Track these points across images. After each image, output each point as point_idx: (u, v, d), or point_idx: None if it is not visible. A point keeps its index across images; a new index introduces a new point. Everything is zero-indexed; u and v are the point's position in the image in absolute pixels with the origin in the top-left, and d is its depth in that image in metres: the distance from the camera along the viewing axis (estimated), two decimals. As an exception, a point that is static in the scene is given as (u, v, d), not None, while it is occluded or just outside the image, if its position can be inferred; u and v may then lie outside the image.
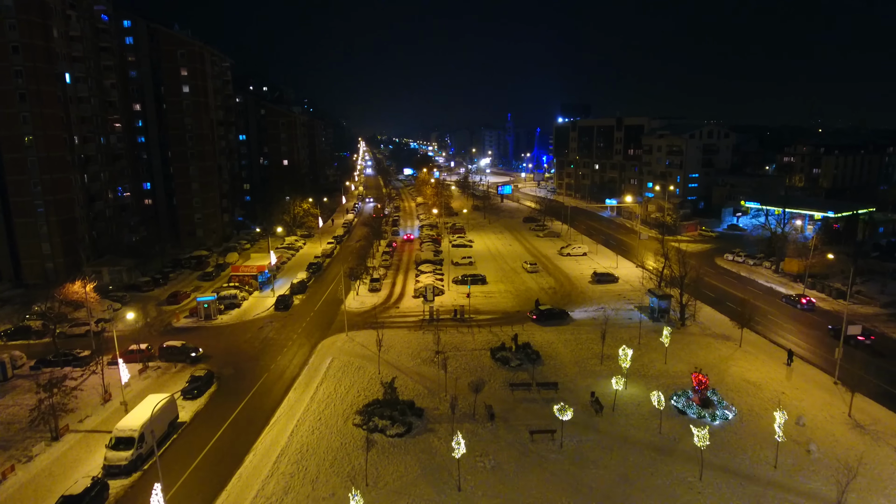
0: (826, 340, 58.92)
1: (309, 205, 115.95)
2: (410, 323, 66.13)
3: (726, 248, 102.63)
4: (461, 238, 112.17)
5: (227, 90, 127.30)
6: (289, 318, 69.41)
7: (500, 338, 59.94)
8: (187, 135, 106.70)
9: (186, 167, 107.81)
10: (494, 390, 48.38)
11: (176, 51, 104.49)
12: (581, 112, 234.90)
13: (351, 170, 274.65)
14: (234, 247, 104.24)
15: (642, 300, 72.96)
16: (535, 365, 52.49)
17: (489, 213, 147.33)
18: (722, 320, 65.73)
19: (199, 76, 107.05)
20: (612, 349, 55.53)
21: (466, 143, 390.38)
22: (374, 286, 78.94)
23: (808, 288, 76.51)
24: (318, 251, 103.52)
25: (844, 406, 45.21)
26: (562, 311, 66.69)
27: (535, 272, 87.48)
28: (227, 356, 57.40)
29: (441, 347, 55.62)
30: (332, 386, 49.67)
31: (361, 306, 72.72)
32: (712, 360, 54.72)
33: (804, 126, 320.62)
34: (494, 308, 71.23)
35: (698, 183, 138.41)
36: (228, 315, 69.77)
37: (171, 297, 75.51)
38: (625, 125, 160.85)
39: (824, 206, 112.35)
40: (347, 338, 61.23)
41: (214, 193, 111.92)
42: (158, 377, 52.69)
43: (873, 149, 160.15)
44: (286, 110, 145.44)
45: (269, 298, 75.66)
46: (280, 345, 60.64)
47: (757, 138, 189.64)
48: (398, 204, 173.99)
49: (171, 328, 65.65)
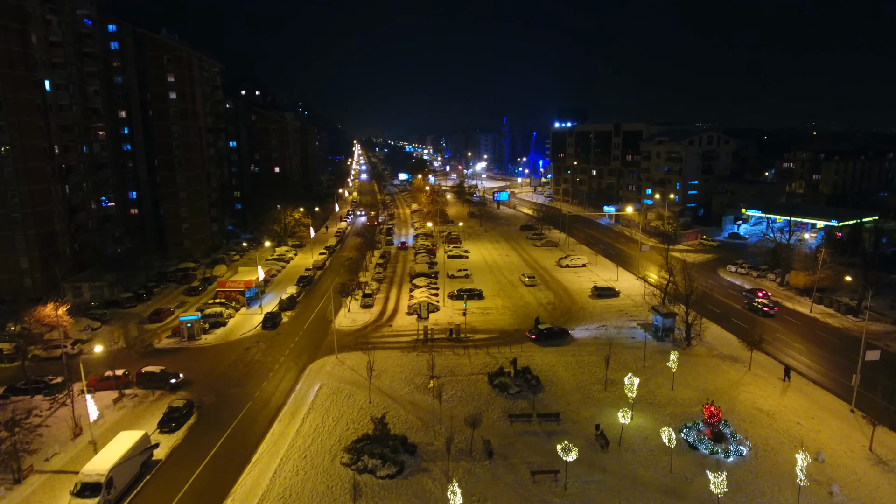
0: (836, 358, 56.28)
1: (300, 214, 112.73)
2: (404, 343, 63.13)
3: (728, 258, 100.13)
4: (457, 248, 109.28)
5: (217, 96, 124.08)
6: (277, 337, 66.28)
7: (498, 360, 57.02)
8: (174, 142, 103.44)
9: (174, 176, 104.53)
10: (492, 422, 45.44)
11: (163, 56, 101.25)
12: (578, 117, 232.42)
13: (345, 175, 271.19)
14: (223, 258, 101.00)
15: (645, 317, 70.23)
16: (535, 392, 49.57)
17: (485, 220, 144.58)
18: (729, 339, 63.08)
19: (187, 82, 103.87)
20: (615, 373, 52.89)
21: (462, 146, 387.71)
22: (366, 302, 75.89)
23: (815, 303, 74.04)
24: (310, 262, 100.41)
25: (864, 438, 42.54)
26: (562, 330, 63.87)
27: (533, 286, 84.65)
28: (209, 382, 54.25)
29: (436, 372, 52.72)
30: (320, 417, 46.60)
31: (353, 324, 69.67)
32: (721, 384, 51.99)
33: (800, 129, 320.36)
34: (492, 326, 68.31)
35: (698, 190, 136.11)
36: (213, 334, 66.58)
37: (154, 314, 72.26)
38: (623, 131, 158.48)
39: (827, 214, 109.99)
40: (337, 360, 58.18)
41: (203, 203, 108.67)
42: (135, 407, 49.48)
43: (873, 154, 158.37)
44: (278, 116, 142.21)
45: (257, 316, 72.52)
46: (266, 368, 57.53)
47: (756, 143, 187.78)
48: (392, 211, 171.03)
49: (152, 350, 62.42)
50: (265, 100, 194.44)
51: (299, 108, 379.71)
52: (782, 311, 72.53)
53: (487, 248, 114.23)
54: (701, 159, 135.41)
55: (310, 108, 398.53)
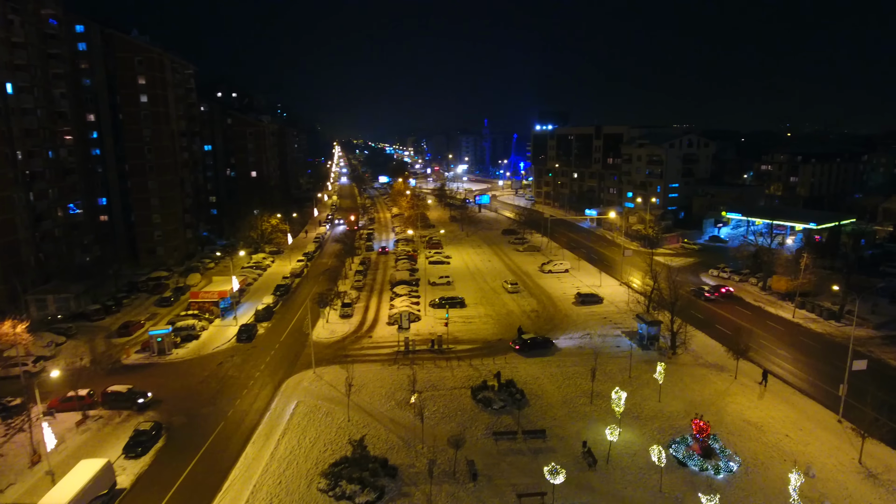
0: (813, 360, 55.93)
1: (277, 220, 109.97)
2: (384, 355, 61.25)
3: (710, 261, 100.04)
4: (438, 254, 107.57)
5: (191, 99, 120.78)
6: (252, 350, 63.89)
7: (482, 373, 55.48)
8: (146, 147, 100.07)
9: (145, 181, 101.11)
10: (476, 440, 43.85)
11: (133, 58, 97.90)
12: (559, 119, 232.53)
13: (325, 178, 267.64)
14: (197, 266, 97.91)
15: (629, 324, 69.31)
16: (520, 407, 48.13)
17: (467, 224, 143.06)
18: (714, 347, 62.37)
19: (159, 84, 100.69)
20: (601, 385, 51.74)
21: (443, 148, 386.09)
22: (345, 312, 73.77)
23: (797, 308, 73.89)
24: (288, 270, 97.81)
25: (853, 451, 41.85)
26: (546, 340, 62.58)
27: (516, 292, 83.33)
28: (180, 400, 51.79)
29: (417, 386, 50.95)
30: (296, 438, 44.54)
31: (331, 336, 67.55)
32: (708, 395, 51.12)
33: (775, 131, 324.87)
34: (474, 336, 66.76)
35: (678, 193, 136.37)
36: (185, 348, 63.92)
37: (123, 327, 69.27)
38: (604, 134, 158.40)
39: (806, 217, 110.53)
40: (315, 375, 56.08)
41: (176, 209, 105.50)
42: (99, 430, 46.86)
43: (849, 157, 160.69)
44: (254, 119, 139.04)
45: (232, 327, 70.01)
46: (241, 384, 55.20)
47: (734, 146, 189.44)
48: (373, 215, 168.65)
49: (120, 366, 59.56)
50: (242, 102, 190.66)
51: (278, 109, 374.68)
52: (766, 318, 72.23)
53: (469, 253, 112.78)
54: (681, 162, 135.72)
55: (289, 109, 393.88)
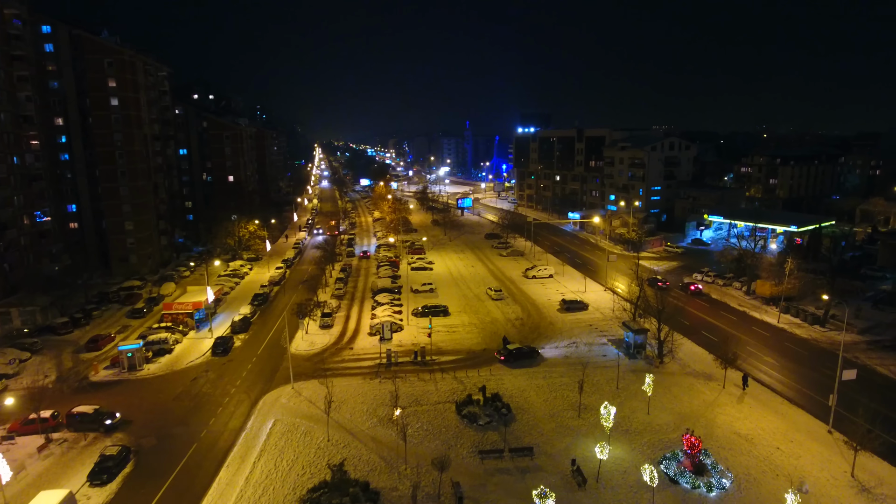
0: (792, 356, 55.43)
1: (255, 227, 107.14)
2: (365, 368, 59.32)
3: (693, 265, 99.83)
4: (421, 260, 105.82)
5: (164, 101, 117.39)
6: (228, 364, 61.47)
7: (466, 386, 53.88)
8: (117, 151, 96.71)
9: (116, 187, 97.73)
10: (462, 459, 42.21)
11: (103, 60, 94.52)
12: (541, 122, 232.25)
13: (305, 181, 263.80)
14: (172, 275, 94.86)
15: (615, 331, 68.33)
16: (506, 422, 46.61)
17: (449, 228, 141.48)
18: (700, 354, 61.61)
19: (130, 87, 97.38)
20: (589, 397, 50.52)
21: (425, 150, 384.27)
22: (325, 322, 71.63)
23: (782, 312, 73.61)
24: (266, 278, 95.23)
25: (845, 463, 41.12)
26: (531, 350, 61.21)
27: (500, 299, 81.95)
28: (150, 420, 49.31)
29: (400, 402, 49.20)
30: (273, 461, 42.45)
31: (311, 348, 65.41)
32: (697, 406, 50.15)
33: (752, 132, 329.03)
34: (459, 346, 65.14)
35: (660, 196, 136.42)
36: (157, 363, 61.28)
37: (92, 341, 66.29)
38: (586, 136, 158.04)
39: (787, 219, 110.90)
40: (293, 391, 53.98)
41: (149, 215, 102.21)
42: (63, 454, 44.25)
43: (826, 159, 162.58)
44: (231, 122, 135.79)
45: (207, 340, 67.49)
46: (215, 402, 52.85)
47: (714, 148, 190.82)
48: (354, 220, 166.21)
49: (88, 383, 56.88)
50: (219, 104, 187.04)
51: (257, 111, 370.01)
52: (752, 323, 71.80)
53: (452, 258, 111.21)
54: (663, 165, 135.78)
55: (269, 111, 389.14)
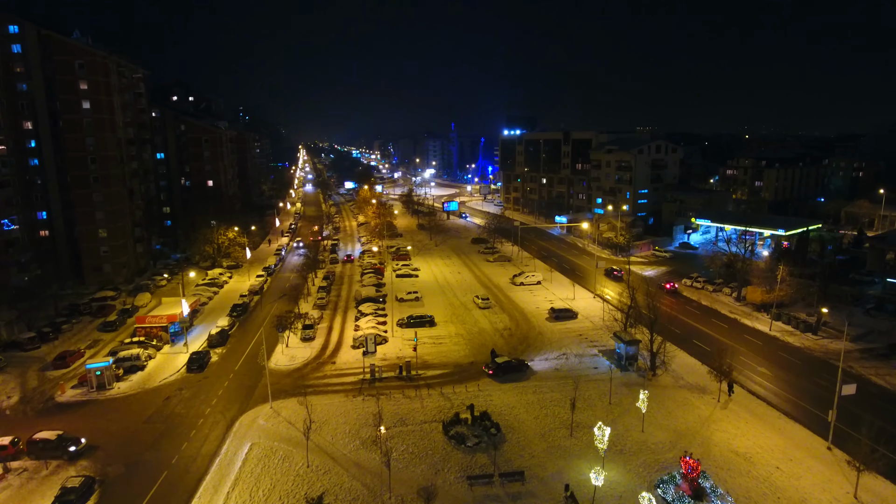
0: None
1: (235, 233, 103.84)
2: (348, 384, 56.84)
3: (682, 270, 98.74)
4: (406, 266, 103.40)
5: (140, 104, 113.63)
6: (203, 382, 58.58)
7: (454, 403, 51.67)
8: (89, 156, 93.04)
9: (89, 193, 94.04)
10: (449, 485, 39.98)
11: (73, 61, 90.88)
12: (527, 124, 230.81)
13: (288, 184, 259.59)
14: (147, 285, 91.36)
15: (606, 341, 66.61)
16: (496, 444, 44.44)
17: (435, 233, 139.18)
18: (693, 366, 60.04)
19: (103, 90, 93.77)
20: (581, 413, 48.62)
21: (410, 152, 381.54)
22: (306, 334, 68.92)
23: (773, 320, 72.44)
24: (246, 287, 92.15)
25: (847, 483, 39.60)
26: (520, 363, 59.16)
27: (487, 308, 79.88)
28: (118, 445, 46.40)
29: (384, 421, 46.85)
30: (248, 490, 39.84)
31: (291, 362, 62.75)
32: (693, 422, 48.45)
33: (735, 134, 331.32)
34: (445, 359, 62.89)
35: (647, 199, 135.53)
36: (129, 381, 58.22)
37: (60, 358, 62.91)
38: (572, 139, 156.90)
39: (774, 223, 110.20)
40: (272, 411, 51.35)
41: (124, 222, 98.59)
42: (22, 486, 41.24)
43: (810, 161, 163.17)
44: (210, 125, 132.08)
45: (182, 355, 64.48)
46: (189, 424, 50.02)
47: (700, 150, 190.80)
48: (338, 224, 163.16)
49: (53, 405, 53.72)
50: (199, 106, 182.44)
51: (240, 112, 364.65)
52: (743, 331, 70.54)
53: (438, 264, 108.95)
54: (650, 168, 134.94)
55: (252, 112, 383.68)
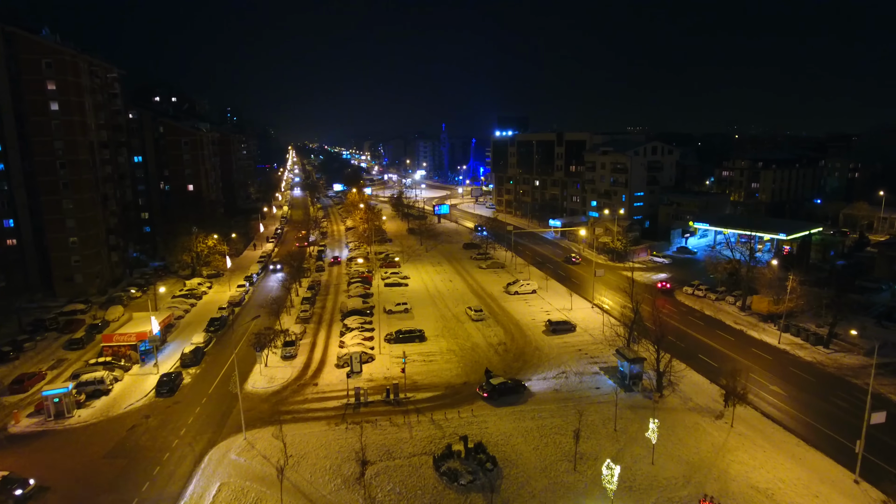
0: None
1: (214, 241, 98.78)
2: (331, 409, 52.35)
3: (681, 276, 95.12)
4: (395, 274, 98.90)
5: (116, 105, 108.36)
6: (173, 408, 53.86)
7: (445, 432, 47.35)
8: (58, 161, 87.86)
9: (59, 200, 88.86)
10: (441, 533, 35.70)
11: (40, 60, 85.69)
12: (519, 125, 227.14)
13: (275, 187, 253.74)
14: (120, 297, 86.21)
15: (607, 357, 62.58)
16: (492, 481, 40.12)
17: (426, 237, 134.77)
18: (701, 384, 56.18)
19: (73, 90, 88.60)
20: (584, 442, 44.32)
21: (401, 153, 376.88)
22: (287, 352, 64.29)
23: (782, 331, 68.75)
24: (226, 298, 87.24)
25: (881, 524, 35.72)
26: (517, 384, 54.92)
27: (480, 320, 75.64)
28: (73, 485, 41.68)
29: (369, 454, 42.54)
30: (213, 542, 35.37)
31: (270, 384, 58.13)
32: (706, 452, 44.44)
33: (724, 133, 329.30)
34: (437, 379, 58.55)
35: (643, 202, 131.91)
36: (91, 408, 53.40)
37: (17, 381, 57.90)
38: (566, 140, 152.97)
39: (775, 226, 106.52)
40: (246, 443, 46.75)
41: (97, 229, 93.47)
42: (-44, 539, 36.52)
43: (807, 162, 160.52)
44: (190, 127, 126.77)
45: (152, 376, 59.70)
46: (153, 459, 45.33)
47: (694, 151, 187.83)
48: (325, 228, 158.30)
49: (5, 436, 48.81)
50: (181, 107, 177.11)
51: (228, 113, 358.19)
52: (751, 344, 66.80)
53: (429, 271, 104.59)
54: (646, 170, 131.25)
55: (240, 113, 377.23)
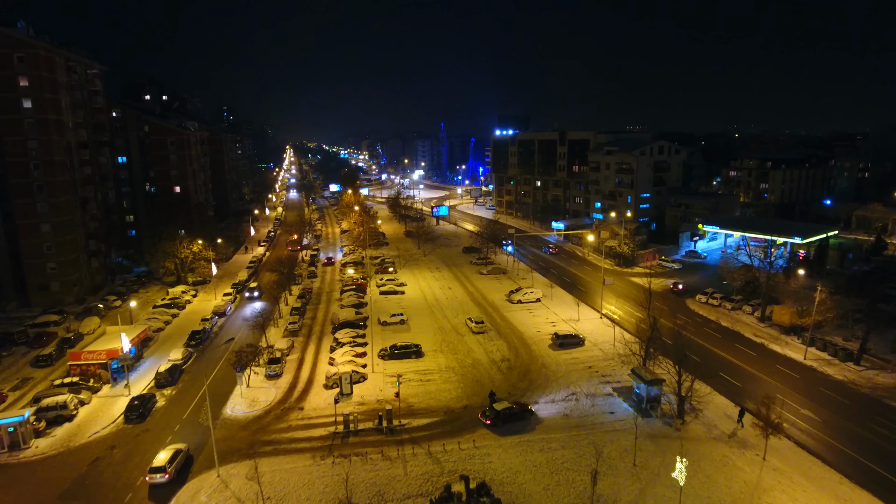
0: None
1: (199, 247, 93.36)
2: (316, 439, 47.17)
3: (692, 282, 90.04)
4: (391, 281, 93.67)
5: (97, 103, 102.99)
6: (143, 436, 48.65)
7: (444, 468, 42.18)
8: (32, 162, 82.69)
9: (33, 204, 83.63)
10: None
11: (11, 54, 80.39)
12: (519, 124, 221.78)
13: (270, 187, 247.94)
14: (98, 307, 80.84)
15: (620, 375, 57.50)
16: (497, 531, 35.08)
17: (424, 240, 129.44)
18: (724, 406, 51.17)
19: (48, 87, 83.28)
20: (600, 480, 39.08)
21: (399, 152, 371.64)
22: (272, 370, 59.01)
23: (807, 346, 63.68)
24: (210, 308, 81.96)
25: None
26: (523, 409, 49.81)
27: (482, 332, 70.50)
28: (19, 534, 36.54)
29: (359, 497, 37.43)
30: None
31: (251, 408, 52.93)
32: (738, 492, 39.31)
33: (724, 131, 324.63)
34: (434, 402, 53.37)
35: (650, 203, 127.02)
36: (52, 437, 48.18)
37: (-27, 406, 52.87)
38: (568, 140, 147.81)
39: (789, 229, 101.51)
40: (219, 481, 41.56)
41: (75, 234, 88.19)
42: None
43: (816, 162, 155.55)
44: (177, 126, 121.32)
45: (123, 398, 54.48)
46: (115, 499, 40.16)
47: (700, 151, 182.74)
48: (320, 231, 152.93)
49: (-49, 472, 43.66)
50: (171, 105, 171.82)
51: (224, 112, 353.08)
52: (774, 360, 61.69)
53: (426, 277, 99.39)
54: (653, 171, 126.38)
55: (237, 112, 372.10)
